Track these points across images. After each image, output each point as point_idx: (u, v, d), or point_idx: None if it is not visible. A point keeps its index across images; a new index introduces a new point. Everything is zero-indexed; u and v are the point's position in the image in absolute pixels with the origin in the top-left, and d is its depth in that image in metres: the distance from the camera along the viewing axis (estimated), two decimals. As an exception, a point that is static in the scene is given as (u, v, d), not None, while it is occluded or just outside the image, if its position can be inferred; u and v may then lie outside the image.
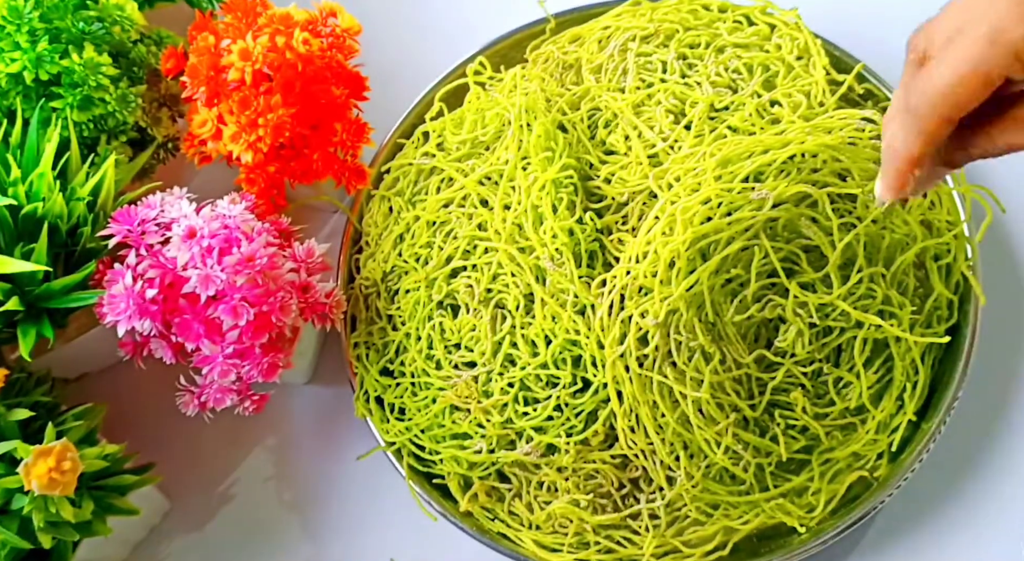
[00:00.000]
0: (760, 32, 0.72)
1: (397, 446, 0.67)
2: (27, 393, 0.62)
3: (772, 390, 0.62)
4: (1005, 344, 0.71)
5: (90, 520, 0.59)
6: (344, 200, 0.75)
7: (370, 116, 0.70)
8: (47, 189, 0.60)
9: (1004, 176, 0.76)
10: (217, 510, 0.71)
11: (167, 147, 0.71)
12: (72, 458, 0.55)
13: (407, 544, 0.69)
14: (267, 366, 0.61)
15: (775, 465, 0.63)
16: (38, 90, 0.64)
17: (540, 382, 0.63)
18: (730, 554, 0.62)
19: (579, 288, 0.62)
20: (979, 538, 0.67)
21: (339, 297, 0.66)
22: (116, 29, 0.66)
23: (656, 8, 0.73)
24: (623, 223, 0.66)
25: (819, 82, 0.68)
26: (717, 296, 0.61)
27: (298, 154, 0.67)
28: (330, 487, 0.71)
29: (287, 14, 0.65)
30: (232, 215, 0.60)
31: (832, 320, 0.61)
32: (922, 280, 0.65)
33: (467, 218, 0.67)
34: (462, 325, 0.66)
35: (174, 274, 0.58)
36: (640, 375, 0.60)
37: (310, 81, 0.65)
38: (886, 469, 0.64)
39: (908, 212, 0.63)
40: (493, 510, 0.66)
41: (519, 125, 0.66)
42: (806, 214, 0.61)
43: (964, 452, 0.69)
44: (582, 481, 0.63)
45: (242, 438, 0.72)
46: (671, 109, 0.68)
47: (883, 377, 0.64)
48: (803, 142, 0.61)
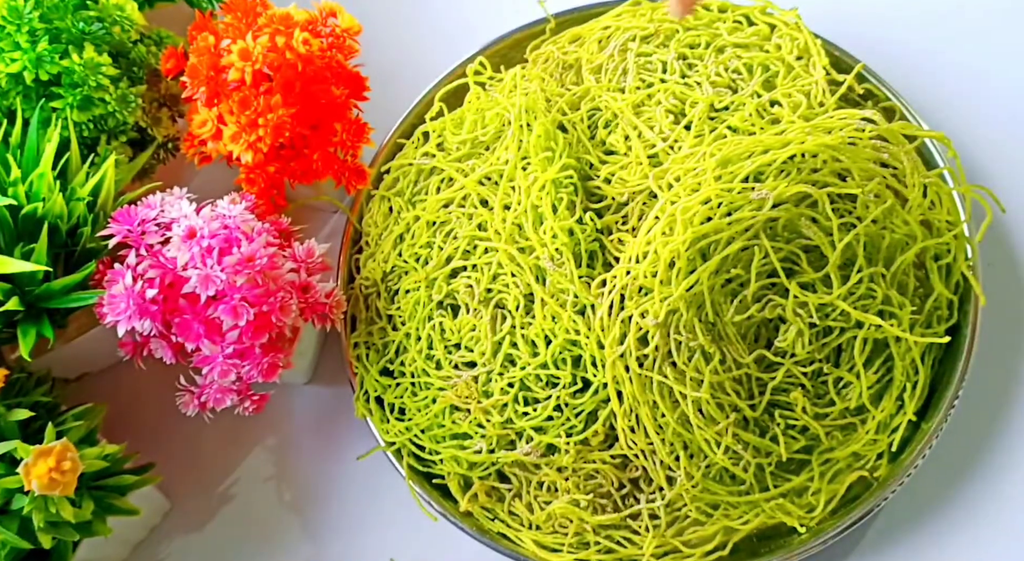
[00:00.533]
0: (760, 32, 0.72)
1: (397, 446, 0.67)
2: (27, 393, 0.62)
3: (772, 390, 0.62)
4: (1005, 344, 0.71)
5: (90, 520, 0.59)
6: (344, 200, 0.75)
7: (370, 116, 0.70)
8: (47, 189, 0.60)
9: (1004, 176, 0.76)
10: (217, 510, 0.71)
11: (167, 147, 0.71)
12: (72, 458, 0.55)
13: (407, 544, 0.69)
14: (267, 366, 0.61)
15: (775, 465, 0.63)
16: (38, 90, 0.64)
17: (540, 382, 0.63)
18: (730, 554, 0.62)
19: (579, 288, 0.62)
20: (979, 538, 0.67)
21: (339, 297, 0.66)
22: (116, 29, 0.66)
23: (656, 8, 0.73)
24: (623, 223, 0.66)
25: (819, 82, 0.68)
26: (717, 296, 0.61)
27: (298, 154, 0.67)
28: (330, 487, 0.71)
29: (287, 14, 0.65)
30: (232, 215, 0.60)
31: (832, 320, 0.61)
32: (922, 280, 0.65)
33: (467, 218, 0.67)
34: (462, 325, 0.66)
35: (174, 274, 0.58)
36: (640, 375, 0.60)
37: (310, 81, 0.65)
38: (886, 469, 0.64)
39: (908, 212, 0.63)
40: (493, 510, 0.66)
41: (519, 125, 0.66)
42: (806, 214, 0.61)
43: (964, 452, 0.69)
44: (582, 481, 0.63)
45: (242, 438, 0.72)
46: (671, 109, 0.68)
47: (883, 377, 0.64)
48: (803, 142, 0.61)
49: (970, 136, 0.77)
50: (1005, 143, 0.78)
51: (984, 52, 0.81)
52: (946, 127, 0.77)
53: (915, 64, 0.80)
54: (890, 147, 0.64)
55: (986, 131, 0.78)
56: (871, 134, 0.64)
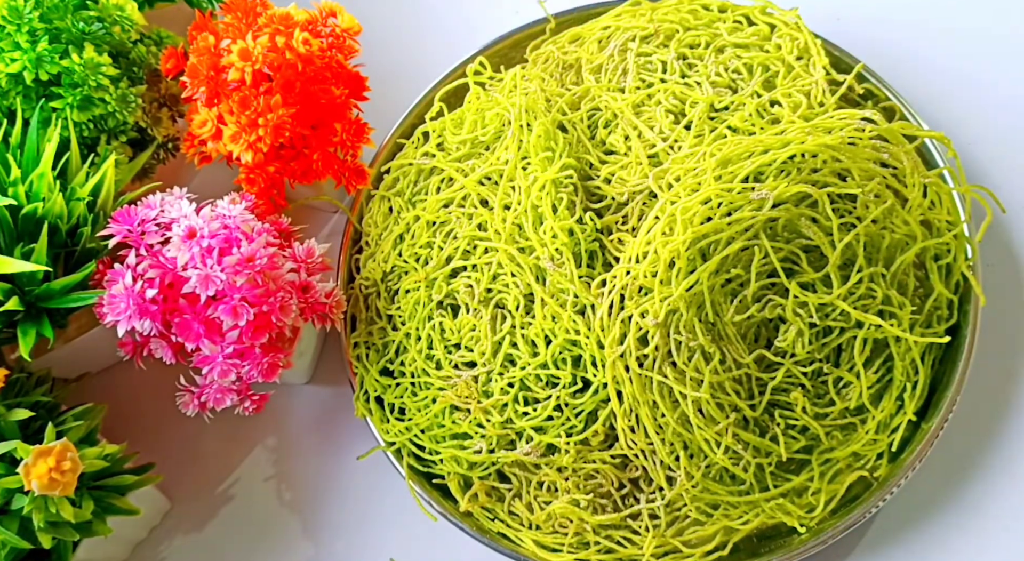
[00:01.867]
0: (760, 32, 0.72)
1: (397, 446, 0.67)
2: (27, 393, 0.62)
3: (772, 390, 0.62)
4: (1005, 344, 0.71)
5: (90, 520, 0.59)
6: (344, 200, 0.75)
7: (370, 116, 0.70)
8: (47, 189, 0.60)
9: (1004, 176, 0.76)
10: (217, 510, 0.71)
11: (167, 147, 0.71)
12: (72, 458, 0.55)
13: (407, 544, 0.69)
14: (267, 366, 0.61)
15: (775, 465, 0.63)
16: (38, 90, 0.64)
17: (540, 382, 0.63)
18: (730, 554, 0.63)
19: (579, 288, 0.62)
20: (979, 538, 0.67)
21: (339, 297, 0.66)
22: (116, 29, 0.66)
23: (656, 8, 0.73)
24: (623, 223, 0.66)
25: (819, 82, 0.68)
26: (717, 296, 0.61)
27: (298, 154, 0.67)
28: (330, 487, 0.71)
29: (287, 14, 0.65)
30: (232, 215, 0.60)
31: (832, 320, 0.61)
32: (922, 280, 0.65)
33: (467, 218, 0.67)
34: (462, 325, 0.66)
35: (174, 274, 0.58)
36: (640, 375, 0.60)
37: (310, 81, 0.65)
38: (886, 469, 0.64)
39: (908, 212, 0.63)
40: (493, 510, 0.66)
41: (519, 125, 0.66)
42: (806, 214, 0.61)
43: (964, 452, 0.69)
44: (582, 481, 0.63)
45: (242, 438, 0.72)
46: (671, 109, 0.68)
47: (883, 377, 0.64)
48: (803, 142, 0.61)
49: (970, 136, 0.77)
50: (1005, 143, 0.78)
51: (984, 52, 0.81)
52: (946, 127, 0.77)
53: (915, 64, 0.80)
54: (890, 147, 0.64)
55: (986, 131, 0.78)
56: (871, 134, 0.64)
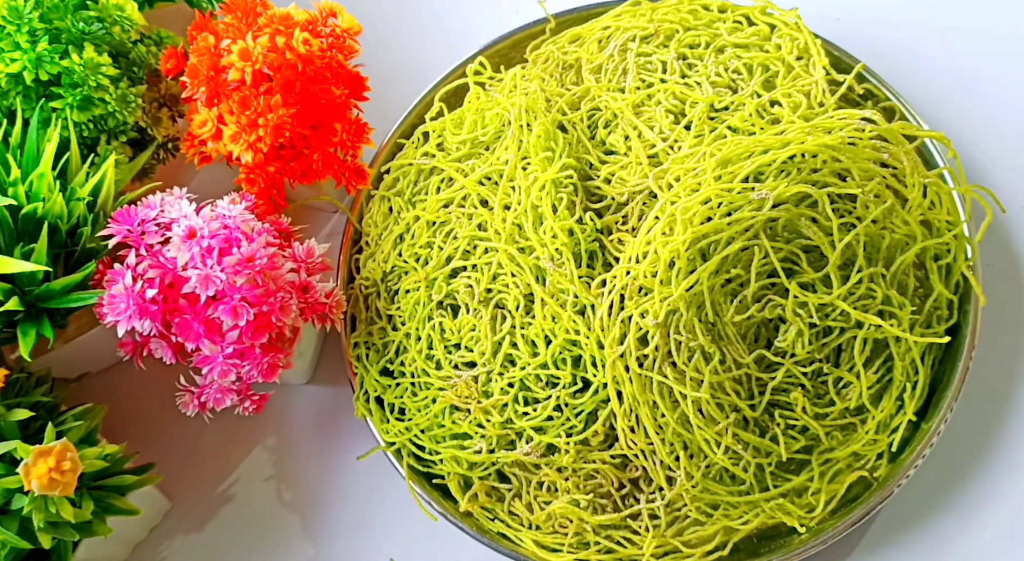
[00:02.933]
0: (760, 32, 0.72)
1: (397, 446, 0.67)
2: (27, 393, 0.62)
3: (772, 390, 0.62)
4: (1005, 344, 0.71)
5: (90, 520, 0.59)
6: (344, 200, 0.75)
7: (370, 116, 0.70)
8: (47, 189, 0.60)
9: (1004, 176, 0.76)
10: (217, 510, 0.71)
11: (167, 147, 0.71)
12: (72, 458, 0.55)
13: (407, 544, 0.69)
14: (267, 366, 0.61)
15: (775, 465, 0.63)
16: (38, 90, 0.64)
17: (540, 382, 0.63)
18: (730, 554, 0.62)
19: (579, 288, 0.62)
20: (979, 538, 0.67)
21: (339, 297, 0.66)
22: (116, 29, 0.66)
23: (656, 8, 0.73)
24: (623, 223, 0.66)
25: (819, 82, 0.68)
26: (717, 296, 0.61)
27: (298, 154, 0.67)
28: (330, 487, 0.71)
29: (287, 14, 0.65)
30: (232, 215, 0.60)
31: (832, 320, 0.61)
32: (922, 280, 0.65)
33: (467, 218, 0.67)
34: (462, 325, 0.66)
35: (174, 274, 0.58)
36: (640, 375, 0.60)
37: (310, 81, 0.65)
38: (886, 469, 0.64)
39: (908, 212, 0.63)
40: (493, 510, 0.66)
41: (519, 125, 0.66)
42: (806, 214, 0.61)
43: (964, 452, 0.69)
44: (582, 481, 0.63)
45: (242, 438, 0.72)
46: (671, 109, 0.68)
47: (883, 377, 0.64)
48: (803, 142, 0.61)
49: (970, 136, 0.77)
50: (1005, 143, 0.78)
51: (984, 52, 0.81)
52: (946, 127, 0.77)
53: (915, 64, 0.80)
54: (890, 147, 0.64)
55: (986, 131, 0.78)
56: (871, 134, 0.64)
